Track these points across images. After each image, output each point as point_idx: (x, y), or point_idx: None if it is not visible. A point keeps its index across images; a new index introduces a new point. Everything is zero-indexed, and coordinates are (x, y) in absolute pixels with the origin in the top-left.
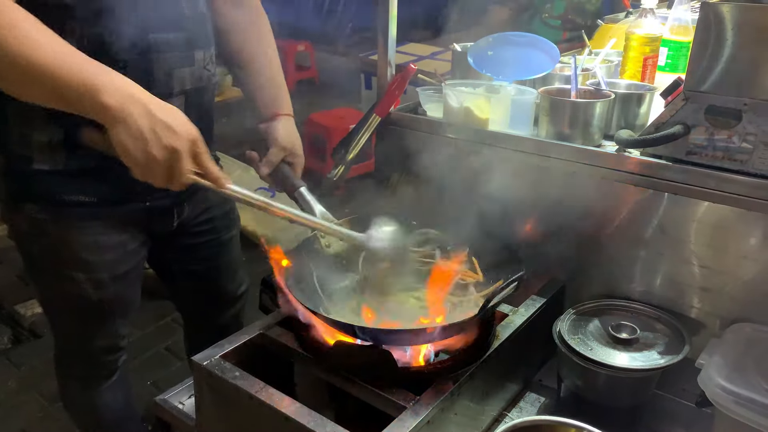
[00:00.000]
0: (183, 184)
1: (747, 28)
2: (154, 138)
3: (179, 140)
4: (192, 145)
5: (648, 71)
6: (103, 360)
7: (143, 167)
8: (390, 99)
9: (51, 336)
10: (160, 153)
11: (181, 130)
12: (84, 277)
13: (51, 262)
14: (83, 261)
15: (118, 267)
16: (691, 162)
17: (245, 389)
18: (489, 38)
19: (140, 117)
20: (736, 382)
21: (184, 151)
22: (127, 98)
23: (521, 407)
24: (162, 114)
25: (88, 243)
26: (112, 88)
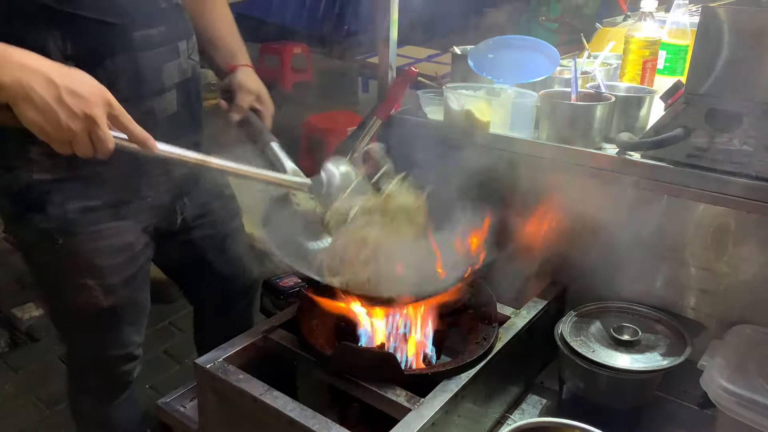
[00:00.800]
0: (108, 150)
1: (746, 31)
2: (63, 108)
3: (91, 105)
4: (106, 107)
5: (647, 74)
6: (117, 371)
7: (60, 140)
8: (391, 102)
9: (48, 339)
10: (74, 123)
11: (90, 94)
12: (95, 283)
13: (61, 271)
14: (94, 267)
15: (128, 269)
16: (691, 165)
17: (249, 392)
18: (489, 41)
19: (42, 88)
20: (738, 383)
21: (99, 116)
22: (23, 71)
23: (523, 409)
24: (66, 80)
25: (97, 248)
26: (5, 64)
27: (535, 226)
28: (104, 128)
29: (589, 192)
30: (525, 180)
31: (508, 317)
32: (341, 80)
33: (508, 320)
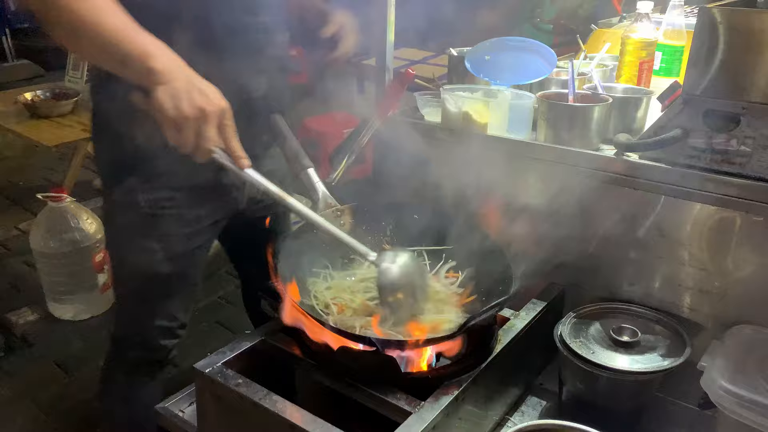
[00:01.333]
0: (207, 152)
1: (743, 32)
2: (188, 97)
3: (209, 104)
4: (220, 113)
5: (644, 75)
6: (158, 344)
7: (173, 123)
8: (388, 104)
9: (43, 344)
10: (189, 110)
11: (212, 97)
12: (160, 247)
13: (134, 231)
14: (164, 232)
15: (191, 242)
16: (689, 165)
17: (249, 396)
18: (486, 43)
19: (180, 81)
20: (738, 384)
21: (211, 115)
22: (173, 66)
23: (523, 411)
24: (199, 83)
25: (172, 215)
26: (162, 56)
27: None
28: (211, 129)
29: (587, 193)
30: (523, 182)
31: (508, 319)
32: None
33: (508, 322)
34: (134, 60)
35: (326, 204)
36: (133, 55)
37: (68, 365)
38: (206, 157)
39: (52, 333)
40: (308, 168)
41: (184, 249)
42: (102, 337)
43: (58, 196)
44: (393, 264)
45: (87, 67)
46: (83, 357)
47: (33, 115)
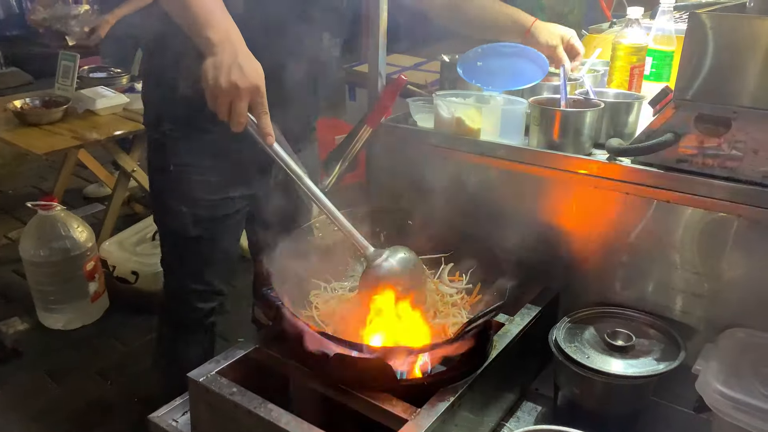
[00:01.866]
0: (239, 124)
1: (732, 37)
2: (226, 71)
3: (244, 81)
4: (253, 89)
5: (635, 80)
6: (195, 305)
7: (210, 92)
8: (381, 110)
9: (34, 354)
10: (225, 83)
11: (249, 73)
12: (188, 211)
13: (166, 194)
14: (190, 197)
15: (217, 210)
16: (681, 169)
17: (243, 405)
18: (478, 49)
19: (227, 54)
20: (733, 387)
21: (243, 91)
22: (226, 39)
23: (518, 417)
24: (243, 59)
25: (197, 181)
26: (219, 29)
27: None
28: (243, 103)
29: (580, 198)
30: (516, 187)
31: (503, 324)
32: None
33: (503, 327)
34: (197, 26)
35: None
36: (197, 21)
37: (59, 375)
38: (239, 129)
39: (43, 343)
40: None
41: (211, 215)
42: (93, 346)
43: (48, 205)
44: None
45: (77, 74)
46: (74, 367)
47: (22, 122)
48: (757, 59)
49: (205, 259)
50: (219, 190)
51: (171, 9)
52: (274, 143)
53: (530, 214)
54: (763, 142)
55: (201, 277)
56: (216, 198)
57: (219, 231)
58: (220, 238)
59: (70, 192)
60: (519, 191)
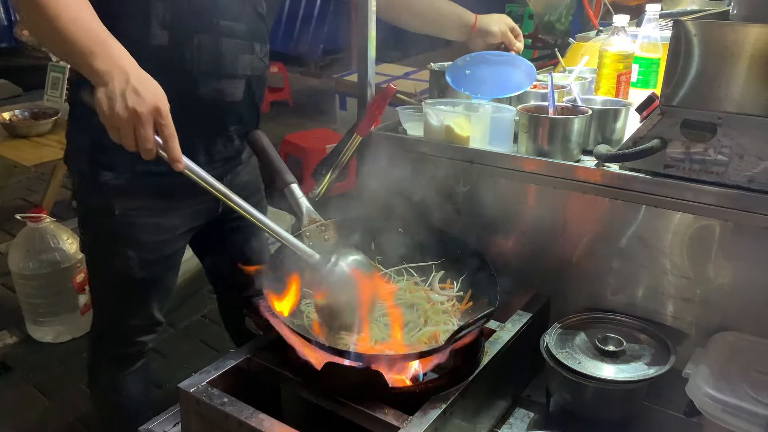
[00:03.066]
0: (149, 151)
1: (717, 44)
2: (121, 99)
3: (142, 104)
4: (154, 112)
5: (622, 87)
6: (135, 339)
7: (109, 124)
8: (371, 119)
9: (23, 368)
10: (123, 112)
11: (147, 96)
12: (134, 255)
13: (108, 238)
14: (138, 240)
15: (165, 249)
16: (668, 175)
17: (234, 416)
18: (466, 57)
19: (118, 81)
20: (723, 390)
21: (144, 116)
22: (115, 66)
23: (511, 423)
24: (136, 82)
25: (146, 224)
26: (105, 56)
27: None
28: (146, 128)
29: (569, 204)
30: (506, 194)
31: (494, 331)
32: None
33: (494, 334)
34: (80, 57)
35: (310, 219)
36: (80, 52)
37: (49, 389)
38: (151, 157)
39: (32, 356)
40: (291, 183)
41: (158, 256)
42: (83, 359)
43: (37, 217)
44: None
45: (66, 85)
46: (64, 380)
47: (11, 134)
48: (741, 66)
49: (150, 298)
50: (168, 229)
51: (48, 43)
52: (184, 169)
53: (520, 221)
54: (748, 147)
55: (144, 314)
56: (164, 238)
57: (163, 270)
58: (165, 275)
59: (59, 204)
60: (508, 198)
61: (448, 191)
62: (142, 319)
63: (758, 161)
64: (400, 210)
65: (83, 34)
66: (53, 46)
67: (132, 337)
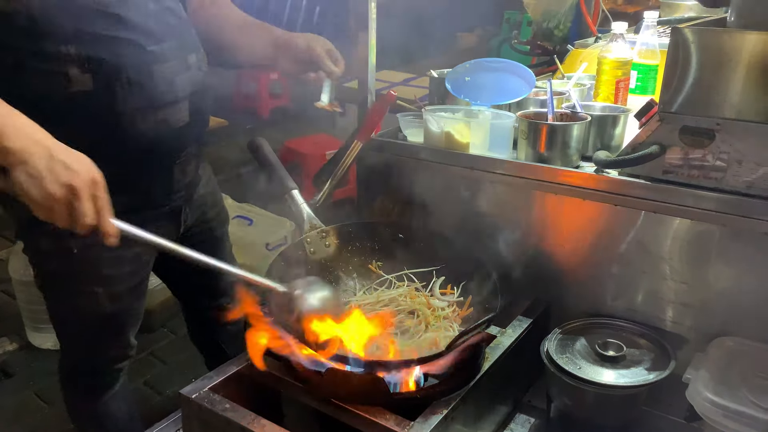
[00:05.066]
0: (86, 225)
1: (714, 51)
2: (50, 176)
3: (77, 178)
4: (91, 186)
5: (621, 94)
6: (110, 369)
7: (42, 206)
8: (371, 125)
9: (23, 375)
10: (57, 189)
11: (79, 169)
12: (102, 290)
13: (70, 278)
14: (103, 276)
15: (133, 279)
16: (667, 180)
17: (236, 421)
18: (466, 64)
19: (40, 158)
20: (723, 395)
21: (81, 189)
22: (30, 142)
23: (512, 429)
24: (63, 155)
25: (110, 258)
26: (15, 132)
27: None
28: (84, 202)
29: (568, 210)
30: (505, 200)
31: (495, 336)
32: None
33: (495, 339)
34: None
35: (311, 225)
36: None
37: (49, 395)
38: (86, 231)
39: (33, 363)
40: (293, 190)
41: (127, 287)
42: None
43: None
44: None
45: None
46: None
47: None
48: (739, 72)
49: (125, 327)
50: (131, 260)
51: None
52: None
53: (520, 227)
54: (746, 153)
55: (119, 344)
56: (129, 269)
57: (134, 298)
58: (137, 304)
59: None
60: (508, 204)
61: (448, 197)
62: (118, 349)
63: (757, 167)
64: (400, 215)
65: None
66: None
67: (109, 367)
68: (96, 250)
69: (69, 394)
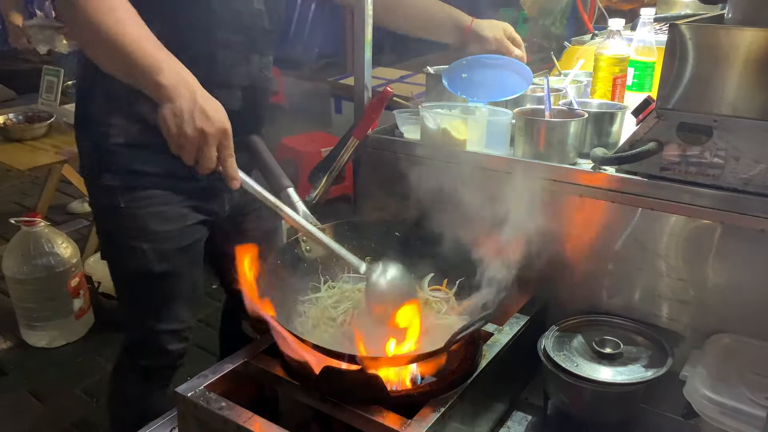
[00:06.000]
0: (208, 168)
1: (711, 48)
2: (190, 119)
3: (210, 126)
4: (221, 134)
5: (618, 90)
6: (168, 348)
7: (176, 141)
8: (368, 122)
9: (17, 373)
10: (191, 132)
11: (215, 118)
12: (149, 247)
13: (121, 233)
14: (149, 231)
15: (181, 240)
16: (664, 177)
17: (233, 420)
18: (462, 61)
19: (185, 100)
20: (721, 392)
21: (211, 137)
22: (181, 82)
23: (509, 426)
24: (204, 102)
25: (153, 213)
26: (170, 72)
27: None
28: (212, 149)
29: (565, 207)
30: (502, 197)
31: (492, 334)
32: (314, 102)
33: (492, 337)
34: (145, 73)
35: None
36: (144, 67)
37: (43, 394)
38: (207, 173)
39: (27, 361)
40: (288, 188)
41: (174, 246)
42: (78, 364)
43: (31, 221)
44: (383, 276)
45: (61, 89)
46: (58, 386)
47: (6, 138)
48: (736, 69)
49: (175, 295)
50: (176, 219)
51: (106, 59)
52: (239, 187)
53: (516, 224)
54: (743, 150)
55: (172, 316)
56: (174, 228)
57: (184, 263)
58: (186, 270)
59: (54, 208)
60: (504, 201)
61: (444, 194)
62: (169, 321)
63: (754, 164)
64: (397, 213)
65: (148, 50)
66: (112, 63)
67: (163, 345)
68: (138, 205)
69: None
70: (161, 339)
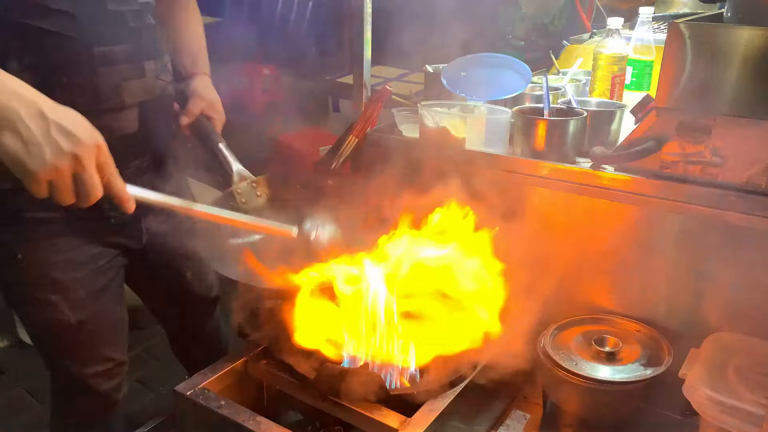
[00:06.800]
0: (93, 198)
1: (710, 46)
2: (51, 143)
3: (82, 147)
4: (97, 152)
5: (616, 89)
6: (100, 389)
7: (41, 180)
8: (367, 120)
9: (14, 372)
10: (60, 161)
11: (81, 134)
12: (59, 298)
13: (25, 286)
14: (56, 281)
15: (94, 283)
16: (664, 176)
17: (232, 419)
18: (461, 59)
19: (31, 119)
20: (719, 390)
21: (87, 158)
22: (12, 96)
23: (508, 425)
24: (57, 116)
25: (58, 261)
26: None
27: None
28: (91, 173)
29: (564, 205)
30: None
31: None
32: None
33: None
34: None
35: (241, 176)
36: None
37: (40, 393)
38: (91, 202)
39: (24, 360)
40: (220, 143)
41: (87, 292)
42: None
43: None
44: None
45: None
46: None
47: None
48: (735, 68)
49: (97, 339)
50: (83, 264)
51: None
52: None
53: (515, 223)
54: (742, 149)
55: (97, 358)
56: (84, 274)
57: (101, 306)
58: (106, 311)
59: None
60: (503, 200)
61: (444, 193)
62: (97, 365)
63: (753, 162)
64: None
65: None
66: None
67: (95, 388)
68: (42, 252)
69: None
70: (90, 383)
